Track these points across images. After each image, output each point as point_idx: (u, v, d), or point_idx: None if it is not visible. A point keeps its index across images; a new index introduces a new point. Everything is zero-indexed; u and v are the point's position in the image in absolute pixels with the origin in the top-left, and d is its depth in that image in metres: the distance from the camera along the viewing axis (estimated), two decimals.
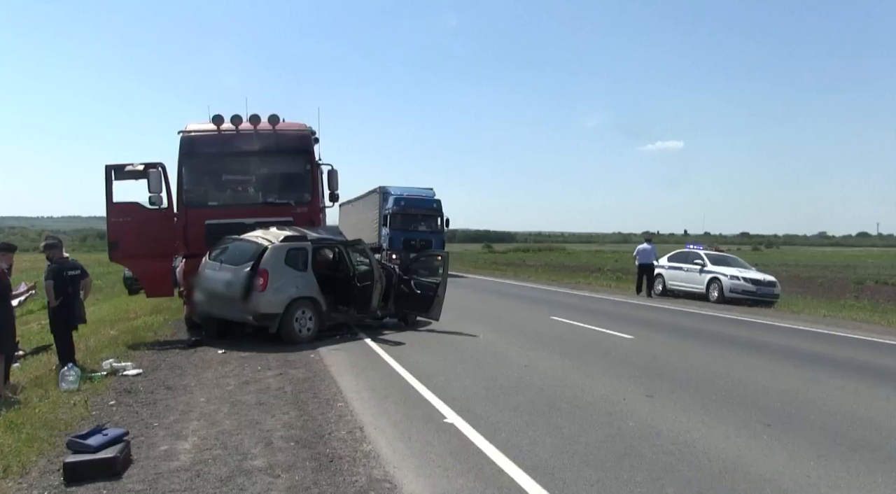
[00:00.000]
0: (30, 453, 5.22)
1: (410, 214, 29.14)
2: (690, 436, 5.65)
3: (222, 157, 12.73)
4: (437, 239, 29.36)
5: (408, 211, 29.08)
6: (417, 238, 28.72)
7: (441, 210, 30.08)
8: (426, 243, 28.43)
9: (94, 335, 11.64)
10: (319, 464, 4.94)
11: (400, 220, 28.94)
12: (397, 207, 28.99)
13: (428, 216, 29.70)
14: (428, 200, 30.36)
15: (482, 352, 9.93)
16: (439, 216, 30.03)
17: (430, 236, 29.23)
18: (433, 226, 29.91)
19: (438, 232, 29.93)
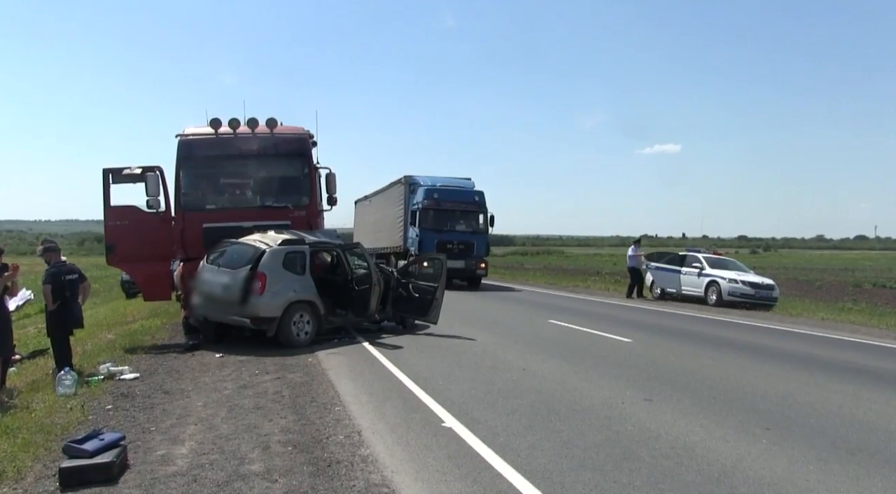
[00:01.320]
0: (25, 458, 5.19)
1: (446, 210, 23.74)
2: (689, 440, 5.64)
3: (220, 161, 12.73)
4: (479, 241, 24.08)
5: (443, 205, 23.66)
6: (455, 240, 23.52)
7: (484, 204, 24.35)
8: (466, 247, 23.70)
9: (92, 339, 11.62)
10: (317, 469, 4.92)
11: (433, 218, 23.61)
12: (429, 201, 23.58)
13: (468, 212, 24.23)
14: (467, 192, 24.88)
15: (480, 356, 9.91)
16: (482, 212, 24.28)
17: (470, 238, 23.92)
18: (475, 225, 24.32)
19: (481, 232, 24.29)
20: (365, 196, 33.47)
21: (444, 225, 23.75)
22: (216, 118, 12.27)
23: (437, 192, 23.95)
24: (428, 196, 23.80)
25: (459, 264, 23.09)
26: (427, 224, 23.63)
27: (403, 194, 25.54)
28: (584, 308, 18.25)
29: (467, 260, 23.69)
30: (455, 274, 22.87)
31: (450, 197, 24.13)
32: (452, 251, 22.53)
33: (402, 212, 25.39)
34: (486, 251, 24.77)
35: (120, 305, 19.23)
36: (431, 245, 22.95)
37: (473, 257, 23.92)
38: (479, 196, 24.61)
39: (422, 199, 23.81)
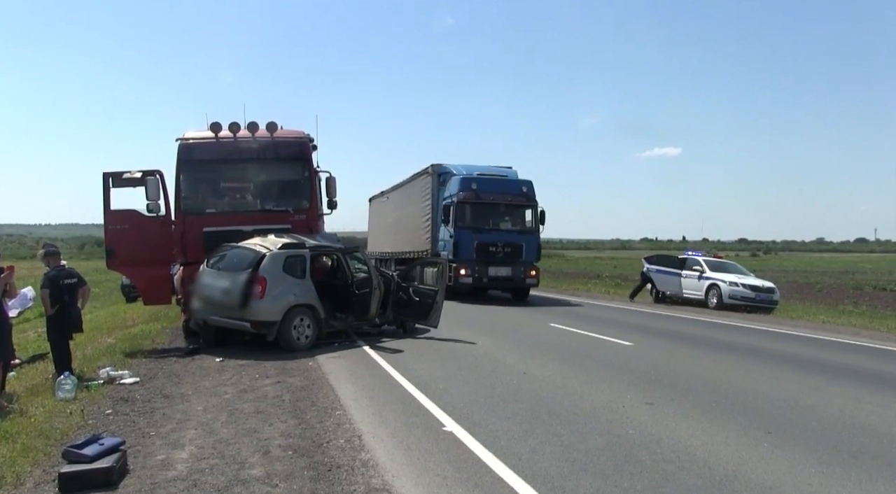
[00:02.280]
0: (24, 463, 5.17)
1: (488, 204, 19.72)
2: (691, 444, 5.62)
3: (220, 165, 12.75)
4: (529, 243, 19.91)
5: (483, 198, 19.61)
6: (499, 242, 19.44)
7: (534, 197, 20.22)
8: (513, 250, 19.60)
9: (91, 343, 11.61)
10: (318, 473, 4.91)
11: (471, 214, 19.49)
12: (467, 193, 19.46)
13: (514, 207, 20.14)
14: (513, 182, 20.87)
15: (481, 360, 9.90)
16: (531, 206, 20.13)
17: (518, 239, 19.78)
18: (523, 224, 20.25)
19: (531, 232, 20.12)
20: (381, 192, 29.30)
21: (485, 222, 19.65)
22: (216, 122, 12.29)
23: (477, 182, 19.69)
24: (465, 187, 19.50)
25: (504, 272, 19.64)
26: (464, 222, 19.37)
27: (431, 187, 21.42)
28: (584, 311, 18.24)
29: (514, 266, 19.66)
30: (499, 284, 20.26)
31: (492, 188, 19.91)
32: (496, 255, 19.23)
33: (430, 208, 21.40)
34: (538, 255, 20.35)
35: (120, 309, 19.23)
36: (470, 248, 19.11)
37: (522, 263, 19.77)
38: (527, 186, 20.24)
39: (456, 191, 19.58)
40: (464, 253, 19.23)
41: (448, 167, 21.42)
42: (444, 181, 21.11)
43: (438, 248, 20.74)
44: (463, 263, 19.25)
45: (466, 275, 19.26)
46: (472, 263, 19.28)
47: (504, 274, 19.71)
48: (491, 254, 19.28)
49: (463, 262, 19.27)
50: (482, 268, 19.34)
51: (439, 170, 21.53)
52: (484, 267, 19.40)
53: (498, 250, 19.44)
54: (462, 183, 19.78)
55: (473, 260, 19.29)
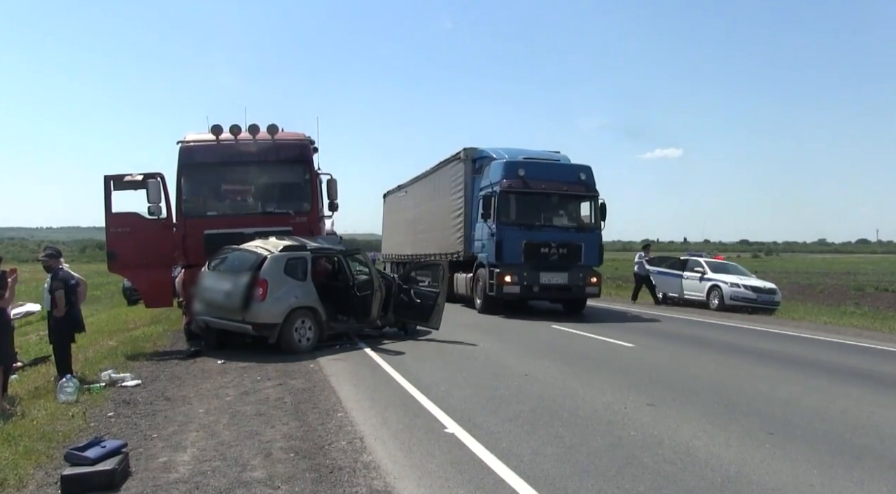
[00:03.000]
0: (27, 465, 5.18)
1: (539, 194, 16.18)
2: (692, 445, 5.61)
3: (221, 167, 12.77)
4: (589, 243, 16.38)
5: (534, 186, 16.05)
6: (553, 242, 15.93)
7: (594, 186, 16.65)
8: (570, 252, 16.06)
9: (93, 346, 11.62)
10: (319, 475, 4.91)
11: (519, 206, 16.07)
12: (512, 180, 15.96)
13: (572, 198, 16.61)
14: (569, 168, 17.16)
15: (482, 361, 9.89)
16: (591, 198, 16.60)
17: (575, 238, 16.26)
18: (582, 219, 16.77)
19: (591, 229, 16.62)
20: (398, 186, 25.85)
21: (534, 217, 16.14)
22: (217, 124, 12.33)
23: (524, 168, 16.09)
24: (509, 173, 15.98)
25: (559, 279, 15.98)
26: (508, 216, 15.87)
27: (464, 175, 18.01)
28: (585, 313, 18.22)
29: (572, 272, 16.03)
30: (553, 293, 16.68)
31: (543, 174, 16.30)
32: (549, 258, 15.78)
33: (462, 201, 18.08)
34: (600, 258, 16.77)
35: (121, 312, 19.25)
36: (516, 249, 15.68)
37: (580, 267, 16.16)
38: (585, 173, 16.59)
39: (499, 179, 16.03)
40: (509, 255, 15.66)
41: (486, 151, 17.82)
42: (481, 167, 17.55)
43: (474, 249, 17.29)
44: (508, 268, 15.67)
45: (512, 283, 15.68)
46: (520, 268, 15.66)
47: (559, 282, 15.96)
48: (543, 257, 15.76)
49: (508, 267, 15.67)
50: (532, 275, 15.66)
51: (474, 154, 17.95)
52: (534, 272, 15.72)
53: (551, 251, 15.82)
54: (506, 168, 16.04)
55: (521, 265, 15.66)
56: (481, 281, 16.90)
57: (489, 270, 16.24)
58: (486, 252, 16.50)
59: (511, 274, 15.74)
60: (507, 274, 15.76)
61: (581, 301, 17.12)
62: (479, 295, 17.21)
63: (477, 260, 17.21)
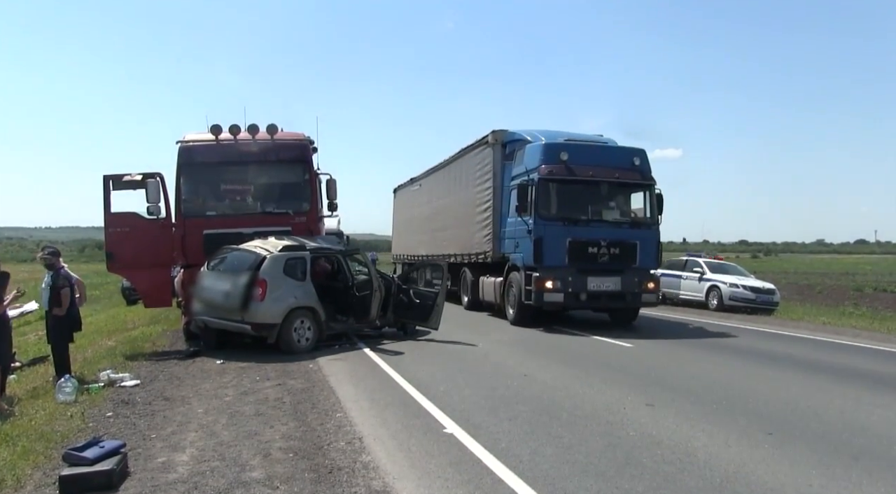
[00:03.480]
0: (25, 466, 5.17)
1: (586, 182, 13.67)
2: (691, 445, 5.62)
3: (220, 167, 12.76)
4: (647, 242, 13.83)
5: (579, 173, 13.54)
6: (604, 240, 13.38)
7: (650, 172, 14.05)
8: (623, 252, 13.52)
9: (92, 346, 11.60)
10: (318, 476, 4.90)
11: (562, 197, 13.66)
12: (554, 166, 13.45)
13: (625, 187, 14.03)
14: (621, 151, 14.30)
15: (481, 362, 9.89)
16: (648, 188, 14.00)
17: (631, 235, 13.77)
18: (634, 212, 14.20)
19: (649, 224, 14.00)
20: (411, 179, 23.44)
21: (580, 210, 13.66)
22: (217, 124, 12.32)
23: (568, 151, 13.56)
24: (550, 157, 13.46)
25: (611, 284, 13.45)
26: (549, 209, 13.43)
27: (492, 162, 15.48)
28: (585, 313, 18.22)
29: (626, 275, 13.51)
30: (603, 301, 13.80)
31: (590, 158, 13.72)
32: (599, 259, 13.30)
33: (490, 192, 15.56)
34: (658, 260, 14.39)
35: (120, 312, 19.22)
36: (559, 248, 13.20)
37: (635, 271, 13.67)
38: (639, 157, 13.94)
39: (537, 164, 13.57)
40: (550, 256, 13.21)
41: (518, 133, 15.15)
42: (513, 153, 15.07)
43: (505, 249, 14.85)
44: (549, 272, 13.17)
45: (555, 290, 13.15)
46: (564, 271, 13.17)
47: (610, 288, 13.46)
48: (591, 258, 13.26)
49: (549, 271, 13.18)
50: (578, 279, 13.20)
51: (504, 137, 15.44)
52: (581, 277, 13.23)
53: (601, 251, 13.30)
54: (546, 152, 13.53)
55: (565, 268, 13.16)
56: (515, 287, 14.28)
57: (525, 274, 13.58)
58: (521, 252, 13.98)
59: (553, 278, 13.12)
60: (547, 279, 13.14)
61: (634, 311, 14.58)
62: (511, 304, 14.58)
63: (509, 263, 14.61)
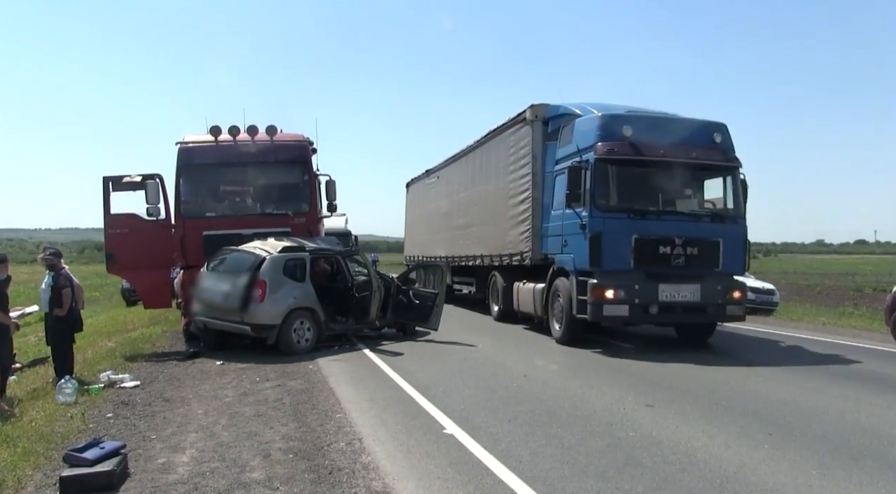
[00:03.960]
0: (25, 467, 5.18)
1: (657, 163, 10.98)
2: (691, 446, 5.62)
3: (220, 168, 12.78)
4: (731, 239, 11.02)
5: (647, 152, 10.84)
6: (679, 237, 10.65)
7: (734, 151, 11.33)
8: (703, 252, 10.74)
9: (92, 347, 11.61)
10: (318, 476, 4.91)
11: (624, 182, 11.03)
12: (615, 143, 10.73)
13: (702, 170, 11.42)
14: (697, 126, 11.41)
15: (481, 362, 9.89)
16: (730, 171, 11.31)
17: (713, 231, 11.00)
18: (712, 202, 11.76)
19: (734, 217, 11.27)
20: (426, 171, 21.23)
21: (649, 199, 11.02)
22: (216, 125, 12.34)
23: (633, 124, 10.82)
24: (610, 132, 10.75)
25: (687, 293, 10.62)
26: (608, 198, 10.75)
27: (530, 143, 12.74)
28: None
29: (707, 282, 10.77)
30: (678, 315, 10.87)
31: (661, 134, 10.96)
32: (672, 261, 10.53)
33: (527, 181, 12.80)
34: (745, 262, 11.28)
35: (120, 313, 19.23)
36: (622, 248, 10.45)
37: (717, 276, 10.92)
38: (721, 133, 11.14)
39: (592, 142, 10.80)
40: (611, 257, 10.45)
41: (565, 106, 12.41)
42: (559, 130, 12.21)
43: (548, 249, 12.16)
44: (609, 277, 10.43)
45: (617, 300, 10.39)
46: (629, 277, 10.42)
47: (687, 299, 10.61)
48: (662, 260, 10.50)
49: (609, 276, 10.44)
50: (647, 287, 10.41)
51: (546, 112, 12.64)
52: (650, 284, 10.44)
53: (675, 252, 10.50)
54: (604, 126, 10.80)
55: (630, 272, 10.42)
56: (562, 296, 11.29)
57: (577, 280, 10.76)
58: (571, 252, 11.13)
59: (615, 286, 10.33)
60: (608, 287, 10.33)
61: (710, 326, 11.78)
62: (556, 317, 11.66)
63: (554, 266, 11.75)
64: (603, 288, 10.42)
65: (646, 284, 10.49)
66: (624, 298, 10.45)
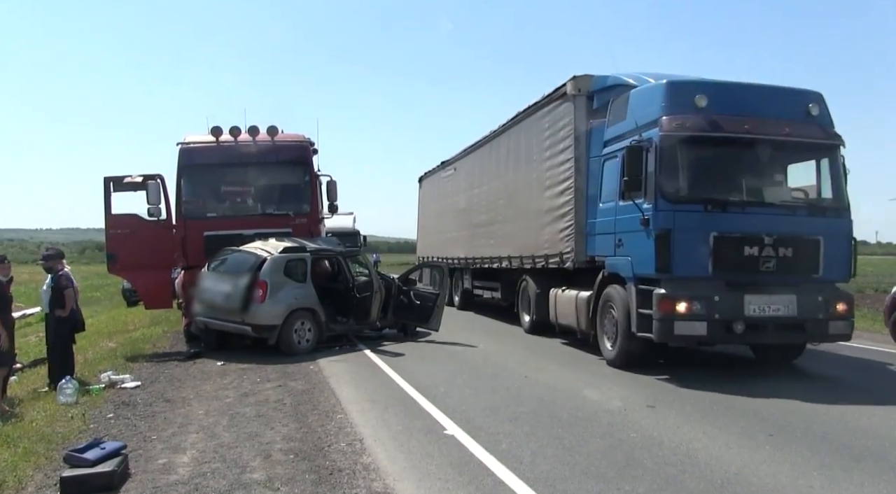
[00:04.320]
0: (26, 467, 5.18)
1: (740, 142, 8.52)
2: (692, 447, 5.61)
3: (221, 169, 12.80)
4: (834, 237, 8.54)
5: (729, 126, 8.43)
6: (769, 235, 8.23)
7: (832, 126, 8.94)
8: (800, 255, 8.37)
9: (93, 347, 11.63)
10: (319, 477, 4.91)
11: (698, 165, 8.74)
12: (686, 117, 8.42)
13: (796, 150, 9.00)
14: (787, 95, 9.01)
15: (482, 363, 9.89)
16: (830, 151, 8.86)
17: (810, 227, 8.57)
18: (804, 190, 9.31)
19: (837, 209, 8.81)
20: (442, 162, 19.54)
21: (730, 186, 9.00)
22: (217, 126, 12.35)
23: (709, 92, 8.65)
24: (679, 102, 8.68)
25: (781, 306, 8.47)
26: (678, 186, 8.66)
27: (573, 122, 10.71)
28: None
29: (804, 292, 8.57)
30: (769, 334, 8.66)
31: (744, 104, 8.81)
32: (762, 265, 8.35)
33: (569, 167, 10.77)
34: (851, 266, 8.97)
35: (121, 313, 19.25)
36: (697, 248, 8.33)
37: (818, 285, 8.74)
38: (817, 104, 8.97)
39: (658, 115, 8.70)
40: (684, 260, 8.35)
41: (616, 77, 10.20)
42: (608, 106, 10.04)
43: (597, 249, 10.05)
44: (682, 286, 8.36)
45: (692, 315, 8.27)
46: (707, 286, 8.37)
47: (781, 313, 8.47)
48: (749, 265, 8.35)
49: (682, 285, 8.37)
50: (731, 299, 8.31)
51: (592, 85, 10.57)
52: (734, 295, 8.34)
53: (765, 254, 8.36)
54: (673, 94, 8.75)
55: (709, 280, 8.37)
56: (617, 308, 9.20)
57: (637, 289, 8.71)
58: (627, 254, 9.07)
59: (689, 297, 8.19)
60: (680, 299, 8.19)
61: (800, 345, 9.58)
62: (608, 334, 9.55)
63: (605, 270, 9.62)
64: (674, 301, 8.23)
65: (728, 295, 8.30)
66: (701, 313, 8.24)
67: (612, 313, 9.46)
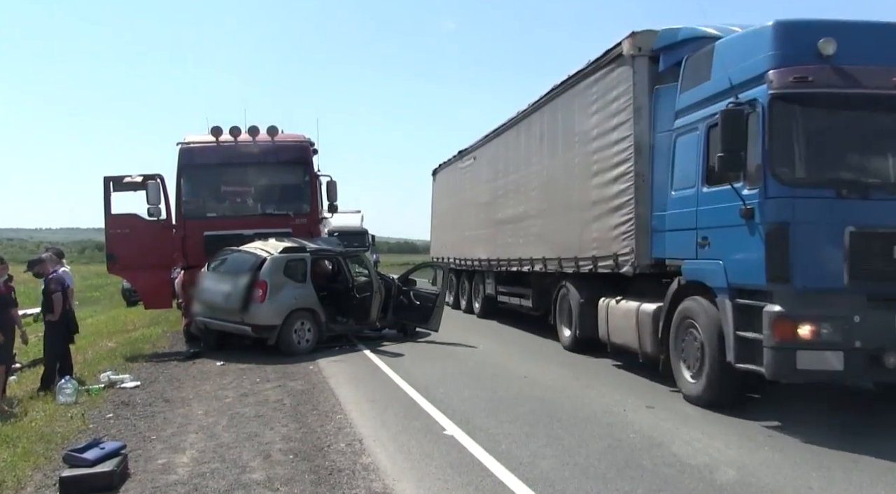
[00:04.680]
0: (25, 467, 5.18)
1: (881, 99, 5.89)
2: (691, 448, 5.61)
3: (221, 169, 12.81)
4: None
5: (867, 80, 5.83)
6: None
7: None
8: None
9: (92, 347, 11.63)
10: (319, 477, 4.91)
11: (823, 136, 6.14)
12: (809, 69, 5.83)
13: None
14: None
15: (482, 364, 9.88)
16: None
17: None
18: None
19: None
20: (459, 151, 17.32)
21: (868, 165, 6.43)
22: (217, 126, 12.36)
23: (837, 34, 5.92)
24: (794, 51, 6.01)
25: None
26: (797, 162, 6.06)
27: (631, 91, 8.39)
28: None
29: None
30: None
31: (882, 50, 6.06)
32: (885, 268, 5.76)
33: (627, 147, 8.48)
34: None
35: (120, 313, 19.25)
36: (827, 251, 5.79)
37: None
38: None
39: (762, 69, 6.12)
40: (807, 265, 5.88)
41: (688, 30, 8.05)
42: (680, 65, 7.80)
43: (667, 250, 7.87)
44: (807, 303, 5.87)
45: (822, 343, 5.79)
46: (843, 303, 5.83)
47: None
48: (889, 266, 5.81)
49: (806, 300, 5.88)
50: (877, 320, 5.78)
51: (657, 41, 8.30)
52: (883, 315, 5.80)
53: None
54: (783, 39, 6.17)
55: (844, 293, 5.82)
56: (702, 328, 6.96)
57: (735, 304, 6.46)
58: (718, 256, 6.78)
59: (817, 318, 5.87)
60: (805, 320, 5.86)
61: None
62: (688, 361, 7.27)
63: (682, 278, 7.43)
64: (796, 322, 5.86)
65: (873, 315, 5.88)
66: (835, 340, 5.85)
67: (695, 334, 7.13)
